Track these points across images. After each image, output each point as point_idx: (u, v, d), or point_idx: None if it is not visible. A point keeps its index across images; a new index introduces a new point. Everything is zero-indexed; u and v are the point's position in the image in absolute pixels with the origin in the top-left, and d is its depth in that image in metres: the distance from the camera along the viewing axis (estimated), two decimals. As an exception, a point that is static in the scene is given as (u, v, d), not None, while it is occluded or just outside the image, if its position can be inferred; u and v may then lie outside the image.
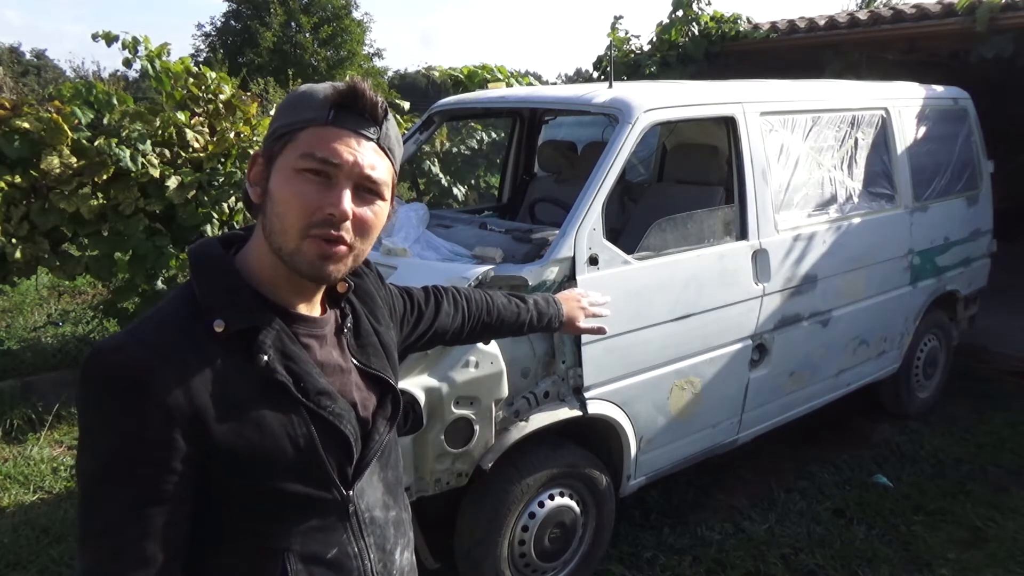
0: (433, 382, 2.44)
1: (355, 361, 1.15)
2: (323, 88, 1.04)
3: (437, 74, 7.18)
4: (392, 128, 1.08)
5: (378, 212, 1.07)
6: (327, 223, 1.01)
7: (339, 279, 1.08)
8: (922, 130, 4.20)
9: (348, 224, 1.02)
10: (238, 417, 0.98)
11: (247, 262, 1.07)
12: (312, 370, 1.05)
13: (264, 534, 1.03)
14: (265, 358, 1.00)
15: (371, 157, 1.04)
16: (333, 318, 1.15)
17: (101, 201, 4.41)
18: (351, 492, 1.09)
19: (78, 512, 0.96)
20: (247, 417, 0.99)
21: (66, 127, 4.26)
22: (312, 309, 1.12)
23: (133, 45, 4.78)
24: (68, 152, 4.29)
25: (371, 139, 1.04)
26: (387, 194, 1.08)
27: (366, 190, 1.05)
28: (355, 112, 1.03)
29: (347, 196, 1.02)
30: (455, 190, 6.58)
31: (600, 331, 1.86)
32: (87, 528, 0.94)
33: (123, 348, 0.96)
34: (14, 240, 4.25)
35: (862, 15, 6.37)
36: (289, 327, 1.06)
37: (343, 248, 1.03)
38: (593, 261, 2.72)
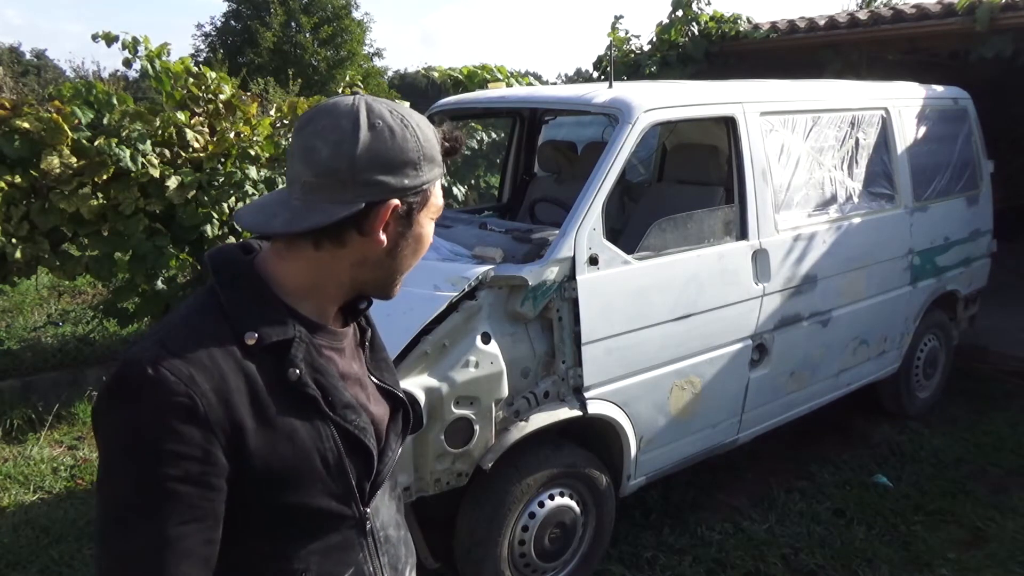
0: (433, 382, 2.44)
1: (371, 375, 1.16)
2: (436, 135, 1.06)
3: (437, 74, 7.17)
4: None
5: None
6: None
7: None
8: (922, 130, 4.20)
9: None
10: (272, 430, 0.97)
11: (273, 273, 1.04)
12: (338, 383, 1.05)
13: (282, 554, 1.02)
14: (297, 372, 0.99)
15: None
16: (352, 331, 1.15)
17: (101, 201, 4.40)
18: (367, 509, 1.08)
19: (104, 534, 0.92)
20: (280, 430, 0.98)
21: (66, 127, 4.25)
22: (334, 322, 1.12)
23: (133, 45, 4.77)
24: (68, 152, 4.28)
25: None
26: None
27: None
28: None
29: None
30: (455, 190, 6.57)
31: None
32: (119, 551, 0.90)
33: (162, 361, 0.91)
34: (14, 240, 4.25)
35: (862, 15, 6.37)
36: (313, 339, 1.05)
37: None
38: (593, 261, 2.72)
